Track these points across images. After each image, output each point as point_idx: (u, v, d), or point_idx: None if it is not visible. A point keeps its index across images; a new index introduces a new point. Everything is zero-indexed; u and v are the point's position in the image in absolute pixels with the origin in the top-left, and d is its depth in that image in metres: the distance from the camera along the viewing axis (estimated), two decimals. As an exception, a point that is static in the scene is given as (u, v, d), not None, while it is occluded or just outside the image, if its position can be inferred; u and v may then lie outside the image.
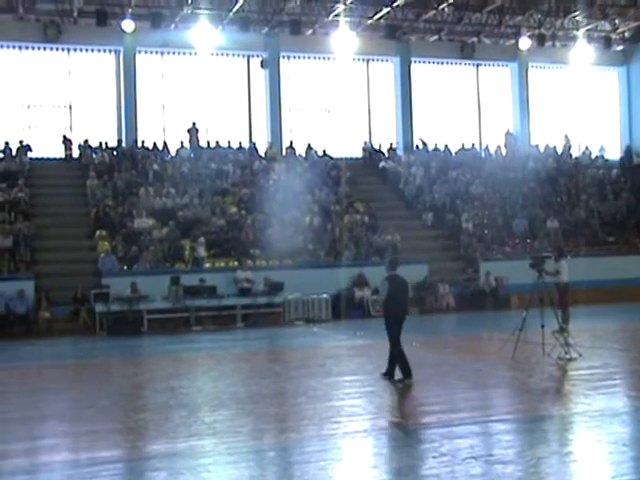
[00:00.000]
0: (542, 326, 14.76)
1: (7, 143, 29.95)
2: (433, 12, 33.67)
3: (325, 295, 25.77)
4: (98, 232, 27.06)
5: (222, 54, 33.75)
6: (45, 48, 31.63)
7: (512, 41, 37.28)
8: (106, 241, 26.66)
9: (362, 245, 28.63)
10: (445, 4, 32.56)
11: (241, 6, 31.20)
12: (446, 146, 35.67)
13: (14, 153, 29.85)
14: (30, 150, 30.26)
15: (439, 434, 8.88)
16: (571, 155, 37.44)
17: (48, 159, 30.92)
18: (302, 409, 11.09)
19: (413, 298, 27.26)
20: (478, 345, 18.96)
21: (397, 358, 13.01)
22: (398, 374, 12.89)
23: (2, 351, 20.75)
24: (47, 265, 25.78)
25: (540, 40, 36.23)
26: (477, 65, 37.87)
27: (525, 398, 11.50)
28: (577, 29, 36.72)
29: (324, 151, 33.60)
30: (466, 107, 37.85)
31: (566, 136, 37.61)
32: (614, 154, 38.72)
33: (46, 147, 31.25)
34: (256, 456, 8.48)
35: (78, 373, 16.34)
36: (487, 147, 36.96)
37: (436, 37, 36.83)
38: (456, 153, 35.67)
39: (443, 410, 10.44)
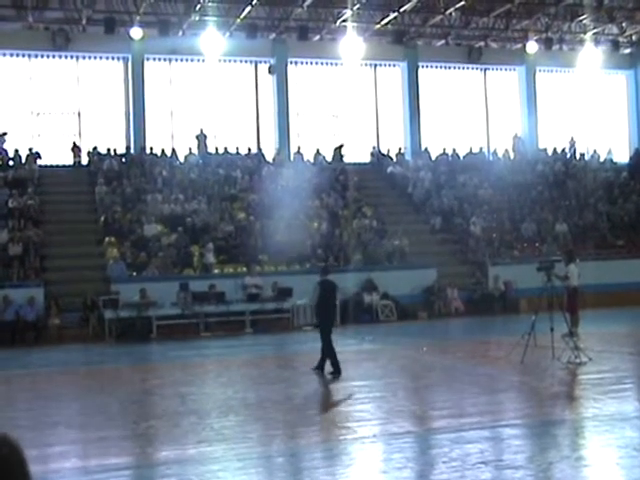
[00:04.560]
0: (551, 330, 14.74)
1: (17, 151, 30.07)
2: (440, 17, 33.69)
3: (334, 300, 25.71)
4: (107, 239, 27.12)
5: (230, 60, 33.83)
6: (54, 56, 31.77)
7: (519, 45, 37.27)
8: (115, 248, 26.72)
9: (371, 250, 28.62)
10: (452, 9, 32.56)
11: (248, 12, 31.27)
12: (454, 150, 35.65)
13: (24, 160, 29.96)
14: (39, 157, 30.37)
15: (449, 439, 8.87)
16: (580, 156, 37.32)
17: (57, 166, 31.03)
18: (311, 415, 11.10)
19: (422, 302, 27.42)
20: (487, 349, 18.93)
21: (328, 354, 14.45)
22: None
23: (13, 358, 20.81)
24: (57, 272, 25.85)
25: (547, 44, 36.22)
26: (484, 69, 37.86)
27: (535, 402, 11.48)
28: (584, 33, 36.68)
29: (341, 153, 33.51)
30: (474, 111, 37.83)
31: (572, 138, 37.53)
32: (623, 157, 38.63)
33: (55, 154, 31.36)
34: (265, 462, 8.49)
35: (88, 379, 16.37)
36: (495, 151, 36.93)
37: (443, 42, 36.84)
38: (464, 157, 35.65)
39: (453, 415, 10.43)
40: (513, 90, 38.27)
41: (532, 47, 36.32)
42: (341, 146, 33.84)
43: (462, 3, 31.60)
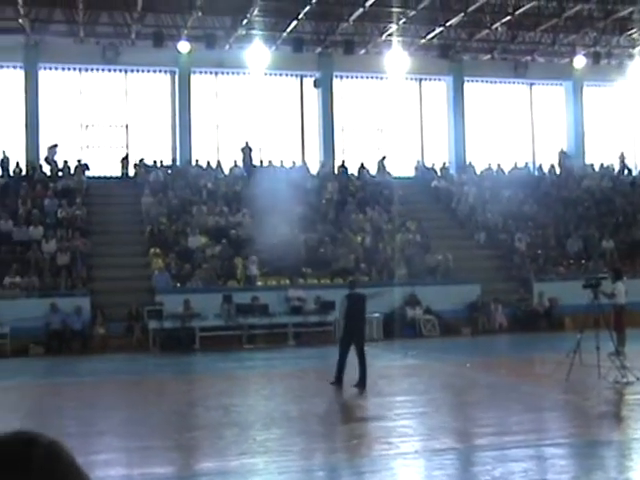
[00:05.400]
0: (597, 348, 14.53)
1: (66, 162, 30.56)
2: (486, 31, 33.57)
3: (377, 314, 25.66)
4: (152, 249, 27.40)
5: (275, 74, 34.03)
6: (104, 69, 32.29)
7: (566, 59, 36.97)
8: (160, 259, 26.98)
9: (414, 264, 28.54)
10: (498, 23, 32.43)
11: (295, 26, 31.47)
12: (499, 165, 35.43)
13: (73, 172, 30.44)
14: (88, 169, 30.83)
15: (492, 457, 8.80)
16: (628, 172, 36.86)
17: (105, 177, 31.47)
18: (353, 429, 11.09)
19: (465, 318, 27.25)
20: (531, 367, 18.74)
21: (339, 363, 14.72)
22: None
23: (60, 366, 21.11)
24: (103, 282, 26.18)
25: (595, 58, 35.87)
26: (531, 84, 37.60)
27: (580, 422, 11.33)
28: (633, 47, 36.27)
29: (384, 165, 33.53)
30: (519, 126, 37.58)
31: (622, 154, 37.09)
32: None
33: (103, 166, 31.82)
34: (306, 476, 8.50)
35: (132, 389, 16.54)
36: (541, 166, 36.62)
37: (489, 56, 36.70)
38: (509, 172, 35.40)
39: (496, 432, 10.34)
40: (559, 105, 37.95)
41: (579, 61, 35.98)
42: (384, 158, 33.84)
43: (508, 17, 31.48)
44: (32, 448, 1.58)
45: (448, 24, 32.21)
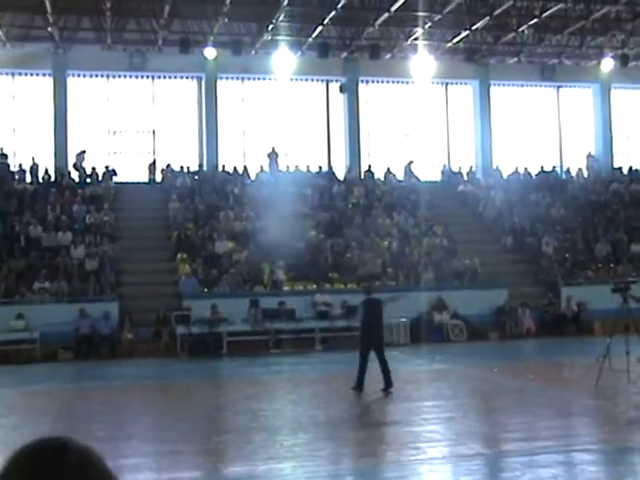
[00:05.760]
0: (627, 353, 14.41)
1: (94, 168, 30.81)
2: (512, 34, 33.42)
3: (404, 319, 25.65)
4: (179, 255, 27.53)
5: (301, 79, 34.12)
6: (131, 76, 32.55)
7: (594, 62, 36.72)
8: (187, 264, 27.10)
9: (441, 269, 28.47)
10: (525, 26, 32.27)
11: (320, 32, 31.53)
12: (526, 169, 35.25)
13: (100, 178, 30.69)
14: (115, 175, 31.07)
15: (520, 462, 8.76)
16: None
17: (132, 183, 31.68)
18: (380, 434, 11.08)
19: (492, 322, 27.12)
20: (560, 372, 18.62)
21: (360, 368, 14.70)
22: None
23: (88, 371, 21.27)
24: (131, 287, 26.35)
25: (623, 60, 35.57)
26: (558, 87, 37.39)
27: (610, 428, 11.23)
28: (662, 49, 35.95)
29: (411, 170, 33.49)
30: (546, 129, 37.38)
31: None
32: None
33: (130, 171, 32.05)
34: (335, 481, 8.51)
35: (160, 394, 16.64)
36: (568, 169, 36.39)
37: (516, 59, 36.53)
38: (536, 176, 35.22)
39: (524, 438, 10.29)
40: (587, 108, 37.71)
41: (607, 64, 35.70)
42: (411, 162, 33.78)
43: (535, 20, 31.31)
44: (64, 453, 1.61)
45: (474, 28, 32.09)
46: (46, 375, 20.37)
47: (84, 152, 31.03)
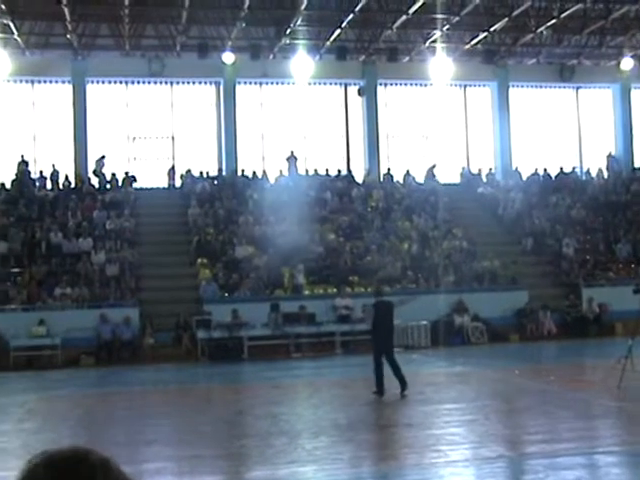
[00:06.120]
0: (649, 355, 14.32)
1: (114, 174, 30.97)
2: (531, 35, 33.27)
3: (424, 322, 25.60)
4: (199, 260, 27.62)
5: (320, 83, 34.13)
6: (149, 82, 32.71)
7: (613, 62, 36.49)
8: (207, 269, 27.18)
9: (461, 271, 28.38)
10: (543, 27, 32.12)
11: (338, 35, 31.54)
12: (545, 170, 35.09)
13: (120, 183, 30.84)
14: (135, 180, 31.21)
15: (543, 465, 8.70)
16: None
17: (152, 189, 31.81)
18: (402, 437, 11.04)
19: (513, 324, 27.01)
20: (581, 373, 18.50)
21: (376, 373, 14.63)
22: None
23: (110, 376, 21.38)
24: (151, 292, 26.45)
25: (643, 60, 35.34)
26: (577, 87, 37.19)
27: (634, 429, 11.15)
28: (683, 48, 35.67)
29: (434, 173, 33.43)
30: (566, 130, 37.19)
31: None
32: None
33: (150, 177, 32.19)
34: (357, 484, 8.49)
35: (181, 398, 16.68)
36: (588, 170, 36.17)
37: (534, 60, 36.37)
38: (556, 177, 35.05)
39: (547, 440, 10.22)
40: (607, 108, 37.48)
41: (627, 64, 35.45)
42: (434, 166, 33.70)
43: (554, 21, 31.17)
44: (84, 466, 1.61)
45: (492, 29, 31.99)
46: (67, 380, 20.48)
47: (103, 157, 31.21)
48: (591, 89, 37.45)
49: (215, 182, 31.93)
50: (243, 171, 32.44)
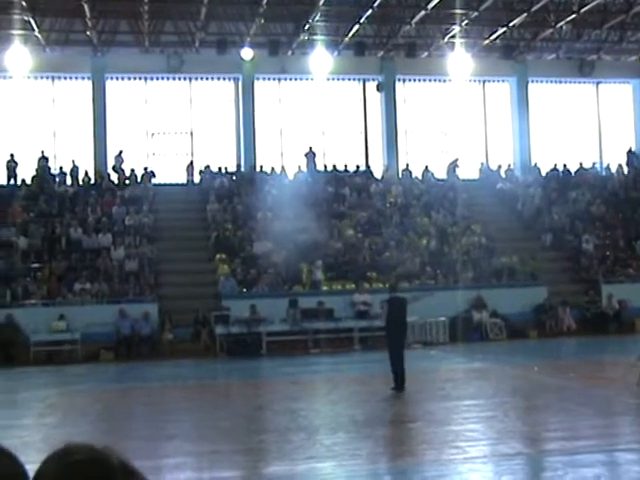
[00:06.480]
0: (670, 351, 14.22)
1: (133, 170, 31.09)
2: (550, 30, 33.08)
3: (443, 318, 25.56)
4: (218, 255, 27.68)
5: (338, 79, 34.10)
6: (168, 78, 32.79)
7: (634, 57, 36.24)
8: (226, 264, 27.25)
9: (480, 267, 28.30)
10: (563, 22, 31.93)
11: (357, 31, 31.51)
12: (565, 166, 34.90)
13: (139, 179, 30.97)
14: (154, 176, 31.32)
15: (563, 462, 8.68)
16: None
17: (171, 185, 31.91)
18: (420, 433, 11.04)
19: (532, 320, 26.90)
20: (601, 370, 18.42)
21: (395, 369, 14.58)
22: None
23: (129, 371, 21.49)
24: (170, 288, 26.56)
25: (664, 55, 35.09)
26: (597, 83, 36.95)
27: (653, 426, 11.10)
28: None
29: (455, 168, 33.34)
30: (586, 126, 36.96)
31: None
32: None
33: (169, 173, 32.30)
34: (375, 480, 8.50)
35: (200, 394, 16.74)
36: (608, 166, 35.95)
37: (554, 55, 36.17)
38: (575, 173, 34.85)
39: (566, 437, 10.19)
40: (627, 103, 37.23)
41: (647, 59, 35.23)
42: (456, 160, 33.60)
43: (573, 16, 30.97)
44: (104, 468, 1.62)
45: (511, 24, 31.85)
46: (87, 375, 20.63)
47: (121, 152, 31.33)
48: (611, 84, 37.19)
49: (234, 178, 31.99)
50: (262, 167, 32.49)
